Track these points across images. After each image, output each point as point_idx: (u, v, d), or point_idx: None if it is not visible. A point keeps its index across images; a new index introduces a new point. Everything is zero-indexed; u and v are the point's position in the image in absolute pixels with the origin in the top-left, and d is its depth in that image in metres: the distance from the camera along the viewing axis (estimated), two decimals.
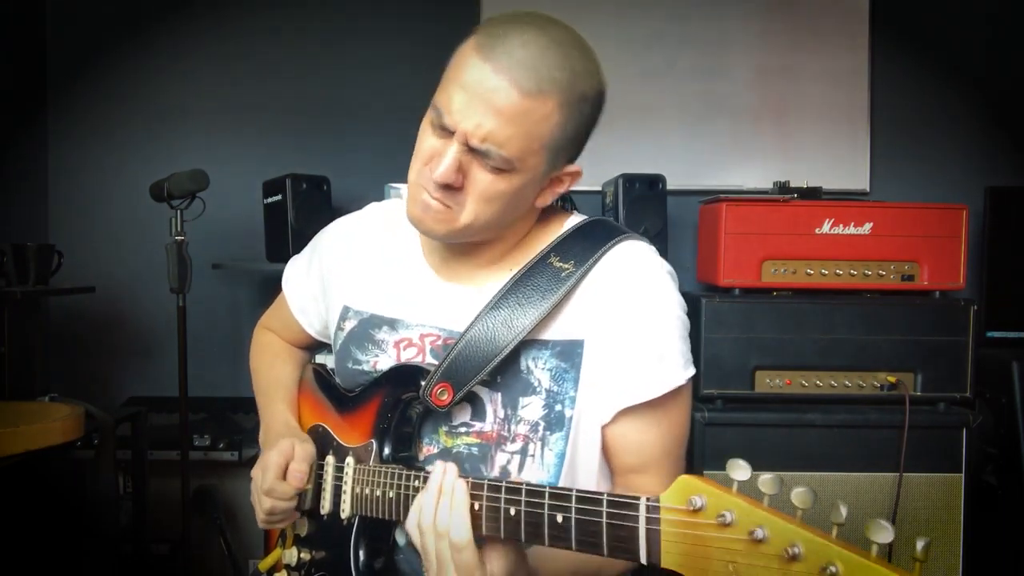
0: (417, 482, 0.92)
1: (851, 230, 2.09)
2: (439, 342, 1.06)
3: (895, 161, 2.77)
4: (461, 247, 1.07)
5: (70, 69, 2.82)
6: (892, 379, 2.04)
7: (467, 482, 0.86)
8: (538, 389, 1.01)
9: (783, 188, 2.23)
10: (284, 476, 1.07)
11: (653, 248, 1.08)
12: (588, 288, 1.02)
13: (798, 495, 0.60)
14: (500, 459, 1.01)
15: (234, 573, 2.44)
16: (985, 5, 2.76)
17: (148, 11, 2.81)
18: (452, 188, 0.96)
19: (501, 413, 1.02)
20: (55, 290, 2.44)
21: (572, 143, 1.00)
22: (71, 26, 2.83)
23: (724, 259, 2.09)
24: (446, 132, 0.95)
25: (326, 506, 1.08)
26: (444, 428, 1.04)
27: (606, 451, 1.04)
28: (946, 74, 2.77)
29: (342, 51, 2.77)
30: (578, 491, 0.76)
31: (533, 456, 1.01)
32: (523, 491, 0.81)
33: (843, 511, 0.59)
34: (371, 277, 1.15)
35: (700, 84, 2.77)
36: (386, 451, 1.02)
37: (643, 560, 0.69)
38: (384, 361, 1.10)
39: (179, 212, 2.21)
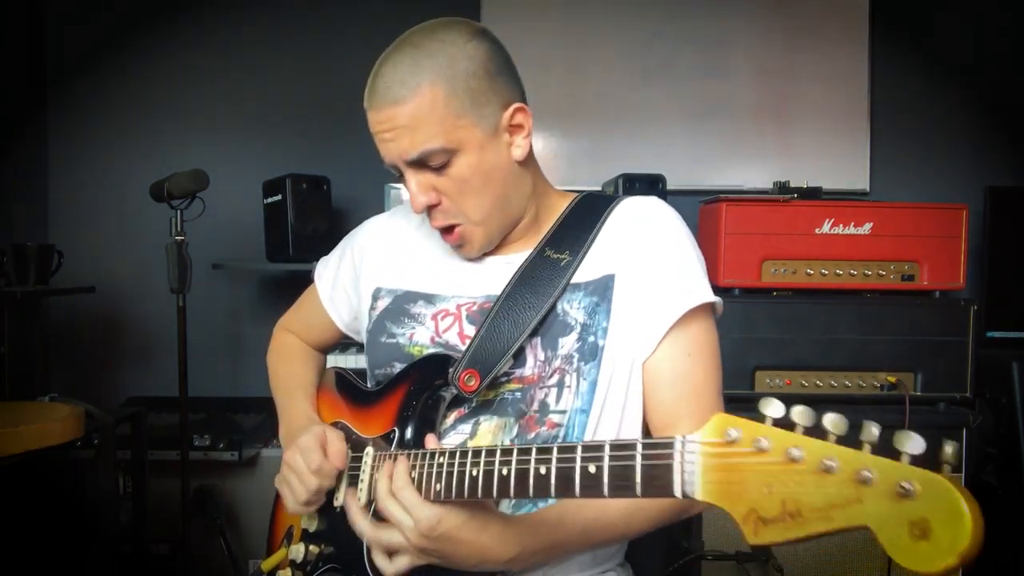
0: (441, 458, 0.90)
1: (851, 230, 2.09)
2: (475, 307, 1.11)
3: (895, 161, 2.77)
4: None
5: (70, 69, 2.82)
6: (892, 379, 2.04)
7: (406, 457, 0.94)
8: (574, 326, 1.06)
9: (783, 188, 2.23)
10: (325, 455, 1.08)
11: (656, 198, 1.16)
12: (608, 235, 1.11)
13: (831, 421, 0.63)
14: (539, 395, 1.05)
15: (234, 573, 2.44)
16: (985, 5, 2.76)
17: (148, 11, 2.81)
18: (437, 207, 1.07)
19: (541, 356, 1.06)
20: (55, 290, 2.44)
21: (483, 94, 1.04)
22: (71, 26, 2.83)
23: (724, 259, 2.09)
24: (398, 171, 1.07)
25: (340, 498, 1.08)
26: (484, 384, 1.05)
27: (646, 397, 1.08)
28: (946, 74, 2.77)
29: (342, 51, 2.77)
30: (612, 442, 0.76)
31: (569, 387, 1.05)
32: (554, 449, 0.80)
33: (875, 430, 0.61)
34: (403, 259, 1.21)
35: (700, 84, 2.77)
36: (408, 435, 1.03)
37: (677, 493, 0.70)
38: (420, 332, 1.12)
39: (179, 212, 2.20)
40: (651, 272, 1.07)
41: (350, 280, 1.28)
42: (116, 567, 2.21)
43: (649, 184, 2.36)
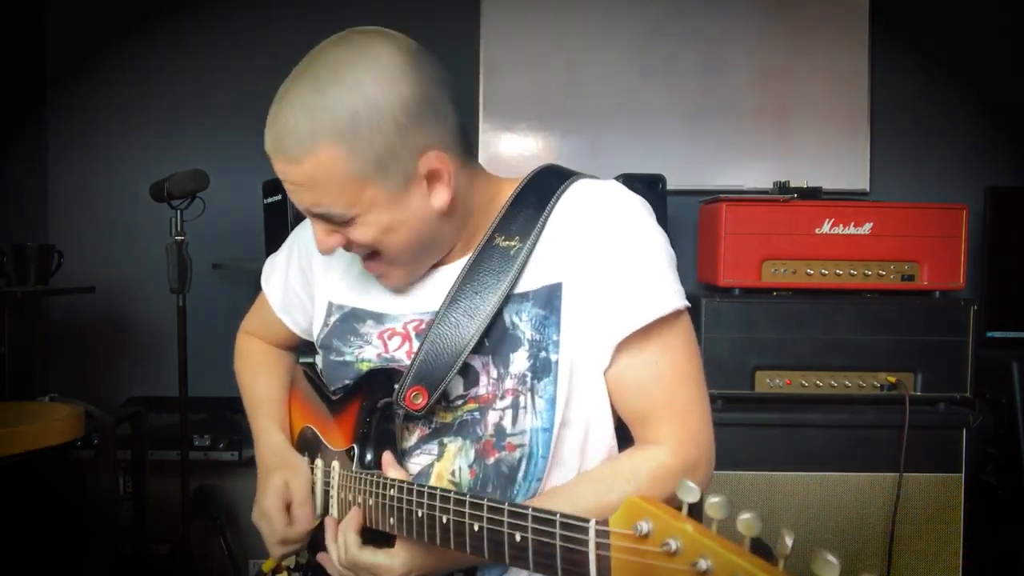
0: (392, 491, 0.91)
1: (851, 230, 2.09)
2: (423, 325, 1.05)
3: (895, 161, 2.77)
4: None
5: (70, 69, 2.82)
6: (892, 379, 2.04)
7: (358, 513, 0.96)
8: (523, 341, 0.99)
9: (783, 188, 2.23)
10: (290, 519, 1.07)
11: (613, 182, 1.05)
12: (550, 237, 1.01)
13: (744, 523, 0.58)
14: (492, 417, 1.00)
15: (234, 573, 2.44)
16: (985, 5, 2.76)
17: (148, 11, 2.81)
18: (352, 245, 1.00)
19: (494, 373, 1.00)
20: (55, 290, 2.44)
21: (390, 150, 0.93)
22: (71, 26, 2.82)
23: (724, 259, 2.09)
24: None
25: (317, 509, 1.08)
26: (440, 406, 1.02)
27: (615, 405, 1.02)
28: (946, 74, 2.77)
29: None
30: (534, 509, 0.75)
31: (524, 408, 0.99)
32: (485, 507, 0.80)
33: (788, 542, 0.57)
34: (350, 273, 1.14)
35: (700, 84, 2.77)
36: (368, 457, 1.01)
37: None
38: (368, 351, 1.09)
39: (179, 212, 2.20)
40: (600, 283, 0.97)
41: (300, 284, 1.22)
42: (116, 567, 2.21)
43: (649, 184, 2.36)
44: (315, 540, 1.10)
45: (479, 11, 2.73)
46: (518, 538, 0.75)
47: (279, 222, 2.45)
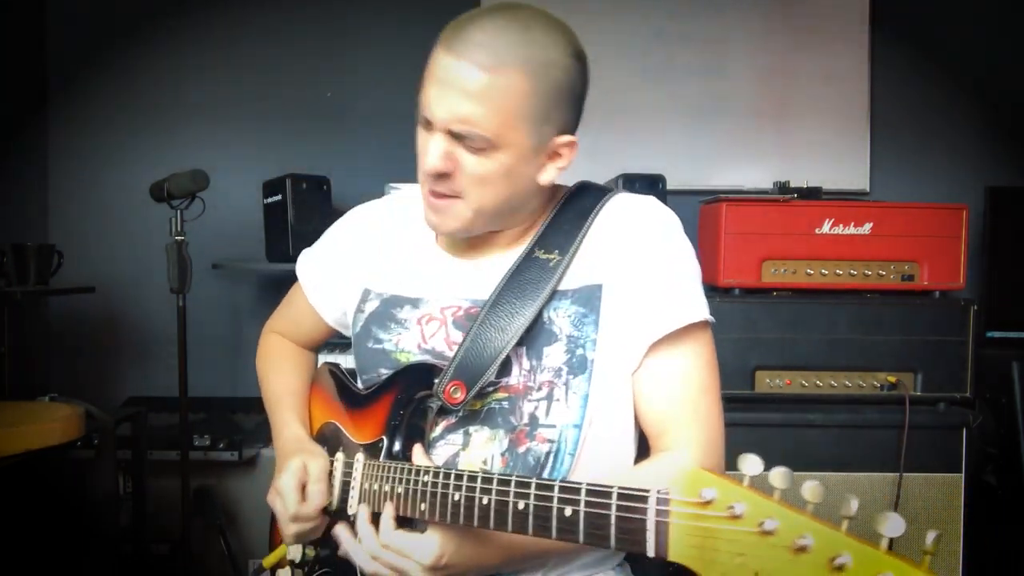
0: (427, 476, 0.92)
1: (851, 230, 2.09)
2: (460, 312, 1.08)
3: (895, 161, 2.77)
4: (475, 235, 1.10)
5: (70, 69, 2.82)
6: (892, 379, 2.04)
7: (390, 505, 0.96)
8: (560, 336, 1.03)
9: (783, 188, 2.23)
10: (304, 497, 1.07)
11: (652, 198, 1.11)
12: (595, 239, 1.06)
13: (809, 489, 0.60)
14: (527, 408, 1.03)
15: (234, 573, 2.44)
16: (985, 5, 2.76)
17: (148, 11, 2.81)
18: (445, 177, 1.00)
19: (527, 365, 1.04)
20: (55, 290, 2.44)
21: (554, 111, 1.00)
22: (71, 26, 2.83)
23: (724, 259, 2.09)
24: (430, 125, 1.00)
25: (333, 502, 1.08)
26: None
27: (639, 409, 1.06)
28: (946, 74, 2.77)
29: (342, 51, 2.77)
30: (588, 484, 0.77)
31: (559, 400, 1.02)
32: (533, 484, 0.81)
33: (853, 505, 0.59)
34: (390, 260, 1.17)
35: (700, 83, 2.77)
36: (396, 447, 1.02)
37: (650, 553, 0.69)
38: (407, 338, 1.10)
39: (179, 212, 2.20)
40: (639, 286, 1.03)
41: (337, 274, 1.24)
42: (116, 567, 2.21)
43: (649, 184, 2.36)
44: (328, 536, 1.11)
45: None
46: (568, 512, 0.77)
47: (279, 222, 2.45)
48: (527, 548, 0.97)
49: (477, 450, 1.03)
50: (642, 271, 1.03)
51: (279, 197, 2.44)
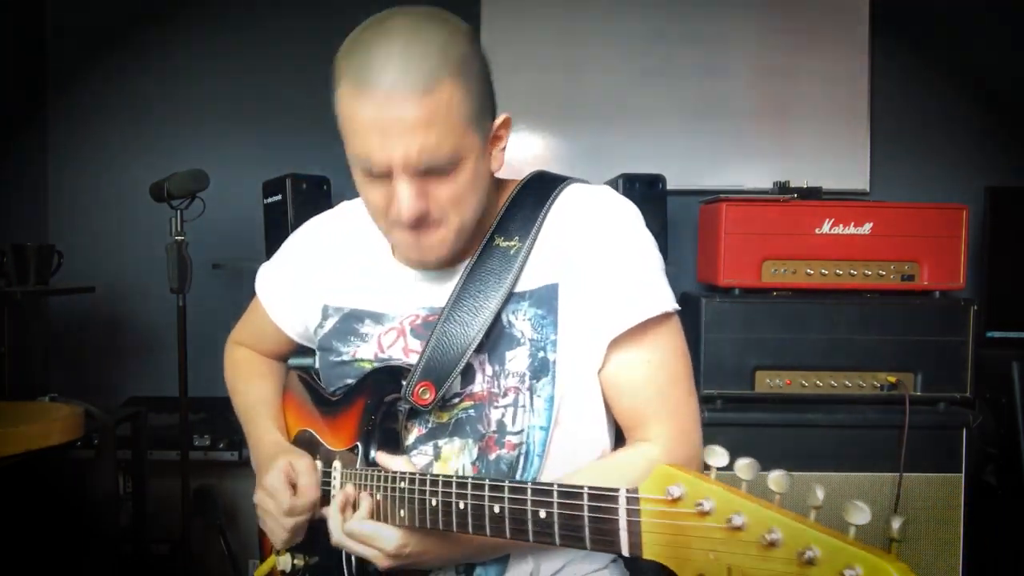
0: (403, 483, 0.92)
1: (851, 230, 2.09)
2: (418, 321, 1.07)
3: (895, 161, 2.77)
4: None
5: (70, 69, 2.82)
6: (892, 379, 2.04)
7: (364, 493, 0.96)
8: (522, 340, 1.01)
9: (783, 188, 2.23)
10: (295, 492, 1.06)
11: (606, 187, 1.08)
12: (547, 240, 1.04)
13: (774, 479, 0.60)
14: (495, 415, 1.02)
15: (234, 573, 2.44)
16: (985, 6, 2.76)
17: (148, 12, 2.81)
18: (431, 209, 0.97)
19: (489, 371, 1.02)
20: (55, 290, 2.44)
21: (486, 99, 0.98)
22: (71, 26, 2.83)
23: (724, 259, 2.09)
24: (384, 176, 0.94)
25: (318, 511, 1.08)
26: (438, 405, 1.03)
27: (608, 403, 1.05)
28: (946, 74, 2.77)
29: None
30: (559, 485, 0.76)
31: (524, 406, 1.01)
32: (505, 488, 0.81)
33: (819, 494, 0.59)
34: (347, 275, 1.15)
35: (700, 84, 2.77)
36: (372, 453, 1.01)
37: (624, 552, 0.69)
38: (364, 349, 1.10)
39: (179, 212, 2.21)
40: (595, 283, 1.01)
41: (295, 291, 1.22)
42: (116, 567, 2.21)
43: (649, 184, 2.36)
44: (306, 542, 1.10)
45: (479, 12, 2.73)
46: (543, 514, 0.77)
47: (279, 222, 2.45)
48: (496, 540, 0.96)
49: (449, 462, 1.02)
50: (597, 267, 1.01)
51: (279, 197, 2.44)
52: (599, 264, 1.01)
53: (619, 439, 1.09)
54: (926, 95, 2.78)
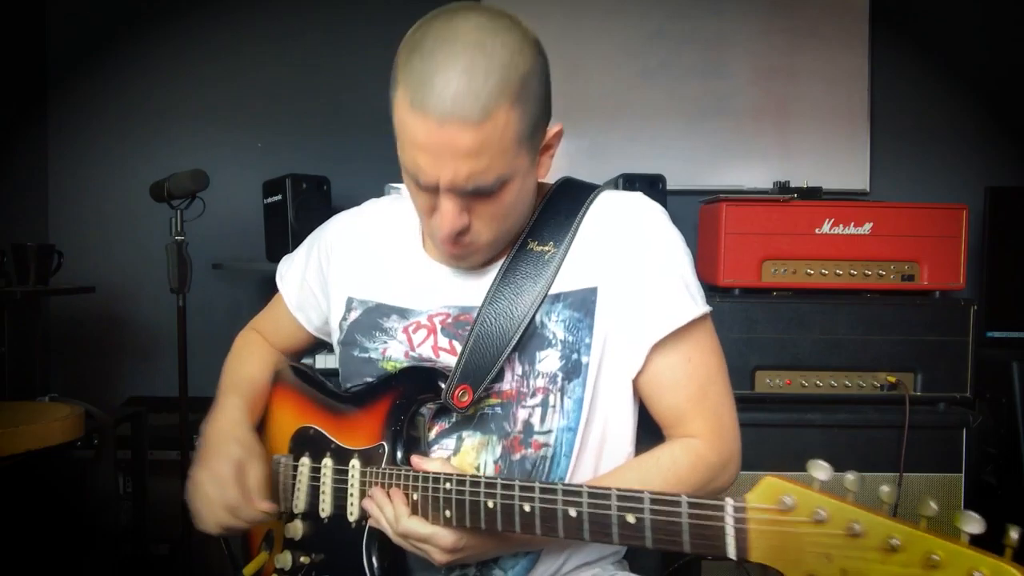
0: (448, 484, 0.92)
1: (851, 230, 2.09)
2: (449, 320, 1.07)
3: (895, 161, 2.77)
4: None
5: (70, 69, 2.82)
6: (892, 379, 2.04)
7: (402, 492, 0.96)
8: (553, 342, 1.02)
9: (783, 188, 2.23)
10: (243, 495, 1.04)
11: (639, 194, 1.10)
12: (582, 244, 1.05)
13: (886, 493, 0.67)
14: (522, 414, 1.02)
15: (234, 573, 2.44)
16: (985, 5, 2.76)
17: (148, 11, 2.81)
18: (472, 224, 0.99)
19: (519, 370, 1.03)
20: (55, 290, 2.44)
21: (541, 117, 0.99)
22: (71, 26, 2.83)
23: (724, 259, 2.09)
24: (431, 188, 0.95)
25: (327, 509, 1.08)
26: None
27: (650, 407, 1.06)
28: (946, 74, 2.77)
29: (342, 51, 2.77)
30: (651, 493, 0.78)
31: (554, 407, 1.02)
32: (584, 493, 0.82)
33: (933, 505, 0.65)
34: (374, 268, 1.15)
35: (700, 84, 2.77)
36: (399, 454, 1.01)
37: (731, 555, 0.73)
38: (394, 347, 1.09)
39: (179, 212, 2.20)
40: (635, 288, 1.02)
41: (318, 283, 1.22)
42: (116, 567, 2.21)
43: (649, 184, 2.36)
44: (310, 540, 1.10)
45: None
46: (631, 519, 0.79)
47: (279, 222, 2.45)
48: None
49: (468, 455, 1.03)
50: (637, 272, 1.03)
51: (279, 197, 2.44)
52: (639, 269, 1.03)
53: (638, 442, 1.10)
54: (926, 95, 2.78)
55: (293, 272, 1.26)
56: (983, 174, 2.65)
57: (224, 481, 1.03)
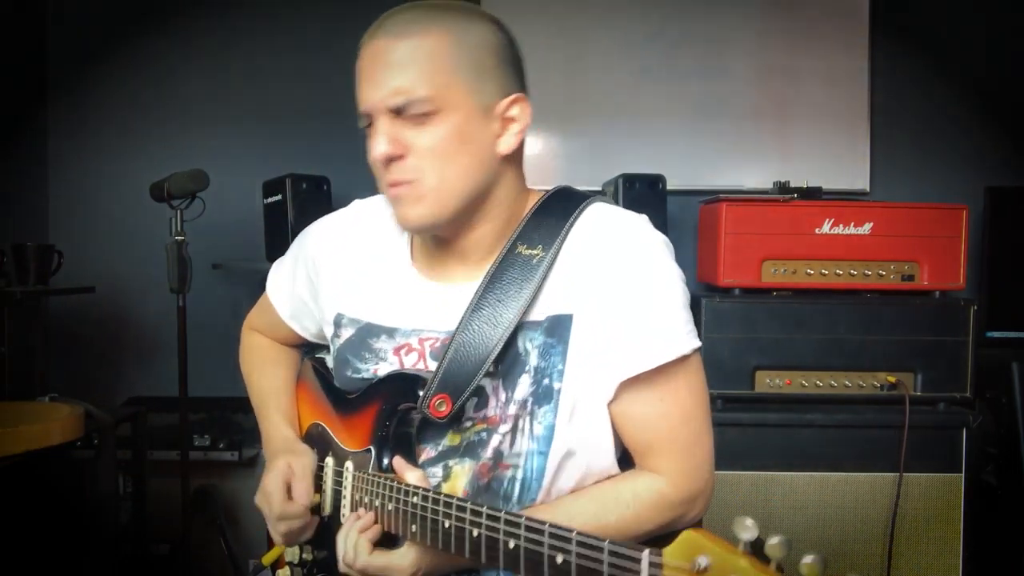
0: (415, 498, 0.92)
1: (851, 230, 2.09)
2: (437, 344, 1.04)
3: (895, 161, 2.77)
4: (448, 243, 1.05)
5: (70, 69, 2.82)
6: (892, 379, 2.04)
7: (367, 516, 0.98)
8: (527, 367, 1.00)
9: (783, 188, 2.23)
10: (290, 495, 1.07)
11: (638, 216, 1.04)
12: (567, 260, 1.01)
13: (809, 565, 0.59)
14: (494, 441, 1.00)
15: (234, 573, 2.44)
16: (985, 5, 2.76)
17: (148, 12, 2.81)
18: (399, 161, 0.97)
19: (502, 397, 1.01)
20: (55, 290, 2.44)
21: (489, 70, 0.98)
22: (71, 26, 2.82)
23: (724, 259, 2.09)
24: (369, 120, 0.99)
25: (326, 508, 1.08)
26: (451, 427, 1.02)
27: (618, 432, 1.03)
28: (946, 74, 2.77)
29: (342, 51, 2.74)
30: (578, 533, 0.75)
31: (522, 431, 1.00)
32: (522, 525, 0.79)
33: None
34: (361, 281, 1.12)
35: (700, 84, 2.77)
36: (385, 460, 1.01)
37: None
38: (385, 368, 1.08)
39: (179, 212, 2.21)
40: (613, 318, 0.97)
41: (308, 293, 1.20)
42: (116, 567, 2.21)
43: (649, 184, 2.36)
44: (321, 536, 1.10)
45: None
46: (559, 560, 0.75)
47: (279, 222, 2.45)
48: None
49: (455, 482, 1.02)
50: (615, 303, 0.97)
51: (279, 197, 2.44)
52: (618, 300, 0.97)
53: (623, 462, 1.07)
54: (926, 95, 2.78)
55: (283, 282, 1.25)
56: (983, 174, 2.65)
57: (271, 493, 1.07)
